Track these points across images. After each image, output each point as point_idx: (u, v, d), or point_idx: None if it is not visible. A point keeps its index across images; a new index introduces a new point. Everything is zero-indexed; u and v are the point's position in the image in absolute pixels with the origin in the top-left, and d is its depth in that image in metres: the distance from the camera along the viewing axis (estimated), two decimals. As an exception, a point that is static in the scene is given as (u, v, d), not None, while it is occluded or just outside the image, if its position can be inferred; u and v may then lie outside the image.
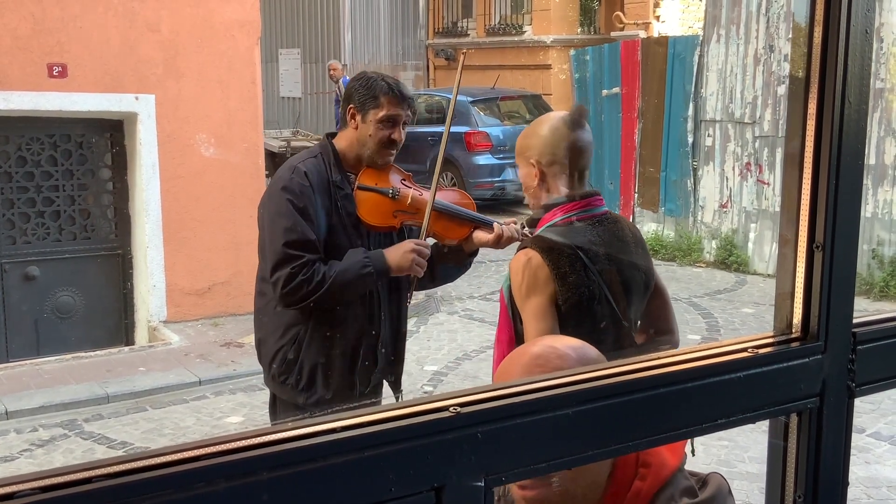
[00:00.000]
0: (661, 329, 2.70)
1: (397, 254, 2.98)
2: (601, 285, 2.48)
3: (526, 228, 2.79)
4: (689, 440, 2.03)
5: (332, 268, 2.94)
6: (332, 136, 3.18)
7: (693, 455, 1.40)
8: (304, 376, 3.07)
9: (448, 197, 3.15)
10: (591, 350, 1.41)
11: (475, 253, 3.20)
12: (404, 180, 3.13)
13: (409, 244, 3.01)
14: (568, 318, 2.43)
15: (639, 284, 2.58)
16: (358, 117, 3.05)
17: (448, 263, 3.21)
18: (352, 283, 2.94)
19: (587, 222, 2.53)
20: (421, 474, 0.84)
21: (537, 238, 2.53)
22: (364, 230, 3.06)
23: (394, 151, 3.08)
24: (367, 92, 3.03)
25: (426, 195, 3.09)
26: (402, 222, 3.09)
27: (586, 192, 2.57)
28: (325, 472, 0.79)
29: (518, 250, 2.56)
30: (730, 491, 1.35)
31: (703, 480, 1.36)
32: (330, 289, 2.91)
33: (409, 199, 3.08)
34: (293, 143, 14.96)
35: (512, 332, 2.56)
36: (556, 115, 2.64)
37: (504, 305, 2.59)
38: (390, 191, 3.06)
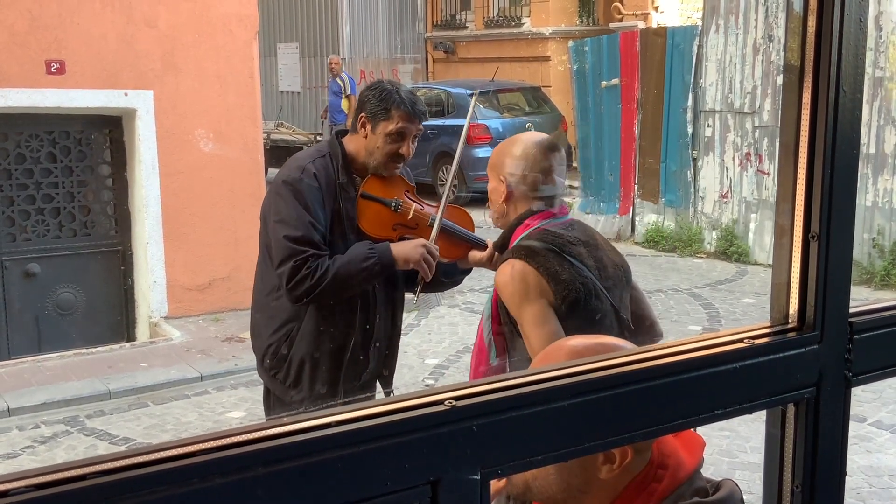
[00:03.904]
0: (644, 320, 2.74)
1: (406, 246, 2.98)
2: (593, 280, 2.48)
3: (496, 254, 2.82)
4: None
5: (336, 261, 2.93)
6: (341, 133, 3.14)
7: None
8: (293, 372, 3.08)
9: (449, 214, 3.12)
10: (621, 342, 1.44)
11: (469, 271, 3.20)
12: (408, 192, 3.11)
13: (419, 240, 3.00)
14: (569, 318, 2.41)
15: (620, 278, 2.61)
16: (368, 127, 3.01)
17: (442, 275, 3.20)
18: (355, 274, 2.93)
19: (559, 227, 2.56)
20: (416, 468, 0.83)
21: (516, 248, 2.52)
22: (363, 237, 3.05)
23: (401, 164, 3.07)
24: (379, 104, 2.99)
25: (427, 210, 3.09)
26: (401, 236, 3.08)
27: (552, 203, 2.61)
28: (319, 467, 0.79)
29: (499, 265, 2.56)
30: (741, 499, 1.35)
31: (716, 486, 1.36)
32: (333, 282, 2.90)
33: (411, 214, 3.06)
34: (273, 136, 14.68)
35: (487, 361, 2.55)
36: (532, 137, 2.69)
37: (481, 334, 2.58)
38: (393, 202, 3.05)
